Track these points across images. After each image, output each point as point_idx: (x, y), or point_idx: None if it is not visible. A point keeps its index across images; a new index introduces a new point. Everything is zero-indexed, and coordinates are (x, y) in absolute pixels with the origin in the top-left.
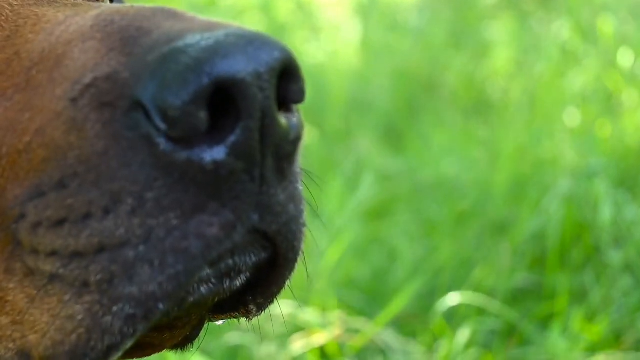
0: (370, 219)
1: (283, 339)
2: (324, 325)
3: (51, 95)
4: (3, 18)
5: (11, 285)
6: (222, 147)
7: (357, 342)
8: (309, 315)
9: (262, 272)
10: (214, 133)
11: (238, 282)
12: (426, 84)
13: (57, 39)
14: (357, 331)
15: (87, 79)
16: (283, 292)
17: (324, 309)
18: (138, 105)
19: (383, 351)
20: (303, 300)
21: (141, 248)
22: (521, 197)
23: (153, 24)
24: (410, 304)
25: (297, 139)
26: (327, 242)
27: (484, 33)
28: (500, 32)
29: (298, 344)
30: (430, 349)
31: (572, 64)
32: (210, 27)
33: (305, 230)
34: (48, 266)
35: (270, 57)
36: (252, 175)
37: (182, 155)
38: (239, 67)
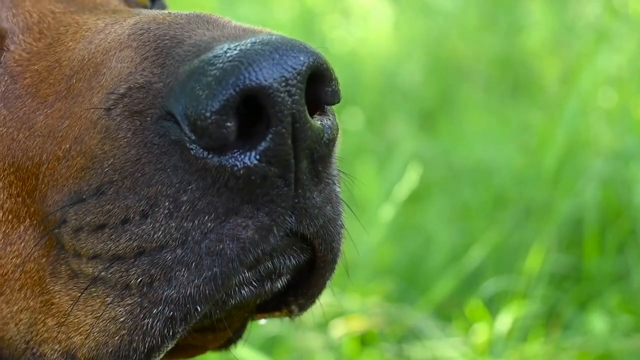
0: (406, 204)
1: (322, 327)
2: (362, 312)
3: (89, 103)
4: (45, 26)
5: (57, 288)
6: (253, 153)
7: (396, 329)
8: (348, 302)
9: (303, 273)
10: (245, 140)
11: (279, 284)
12: (460, 67)
13: (96, 47)
14: (395, 318)
15: (122, 89)
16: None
17: (362, 296)
18: (169, 115)
19: (422, 338)
20: (341, 287)
21: (178, 251)
22: (558, 180)
23: (186, 32)
24: (449, 290)
25: (332, 141)
26: (363, 227)
27: (517, 14)
28: (534, 13)
29: (337, 331)
30: (469, 334)
31: (606, 44)
32: (239, 34)
33: (343, 231)
34: (90, 269)
35: (297, 62)
36: (287, 179)
37: (214, 160)
38: (265, 74)
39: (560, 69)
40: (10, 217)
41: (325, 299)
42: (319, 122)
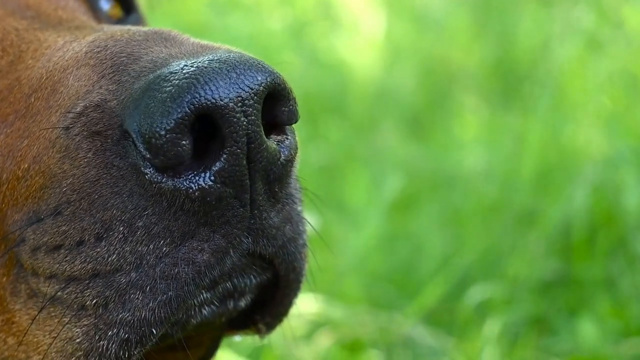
0: (396, 211)
1: (310, 335)
2: (351, 320)
3: (47, 122)
4: (8, 43)
5: (17, 307)
6: (207, 174)
7: (385, 336)
8: (336, 309)
9: (267, 292)
10: (199, 159)
11: (242, 303)
12: (450, 73)
13: (54, 65)
14: (384, 325)
15: (79, 107)
16: (291, 309)
17: (351, 303)
18: (126, 134)
19: (412, 345)
20: (330, 295)
21: (133, 274)
22: (548, 185)
23: (143, 49)
24: (438, 297)
25: (289, 161)
26: (353, 235)
27: (508, 21)
28: (525, 20)
29: (325, 340)
30: (459, 341)
31: (597, 51)
32: (196, 51)
33: (306, 250)
34: (47, 288)
35: (254, 82)
36: (242, 200)
37: (169, 184)
38: (221, 93)
39: (552, 76)
40: None
41: (314, 305)
42: (275, 143)
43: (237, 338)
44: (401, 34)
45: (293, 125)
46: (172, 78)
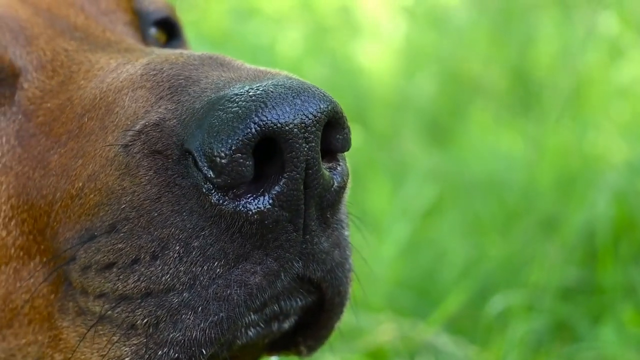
0: (419, 218)
1: (334, 343)
2: (374, 328)
3: (103, 141)
4: (58, 64)
5: (65, 324)
6: (267, 197)
7: (408, 344)
8: (360, 317)
9: (311, 315)
10: (258, 181)
11: (286, 325)
12: (471, 81)
13: (108, 86)
14: (408, 333)
15: (138, 126)
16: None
17: (374, 311)
18: (187, 153)
19: (435, 352)
20: (353, 302)
21: (185, 294)
22: (570, 192)
23: (201, 72)
24: (460, 305)
25: (341, 188)
26: (376, 243)
27: (529, 27)
28: (545, 26)
29: (348, 348)
30: (482, 348)
31: (619, 57)
32: (257, 76)
33: (351, 274)
34: (97, 307)
35: (317, 109)
36: (296, 225)
37: (230, 206)
38: (286, 118)
39: (572, 82)
40: (21, 253)
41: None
42: (329, 170)
43: (273, 358)
44: (421, 41)
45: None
46: (237, 99)
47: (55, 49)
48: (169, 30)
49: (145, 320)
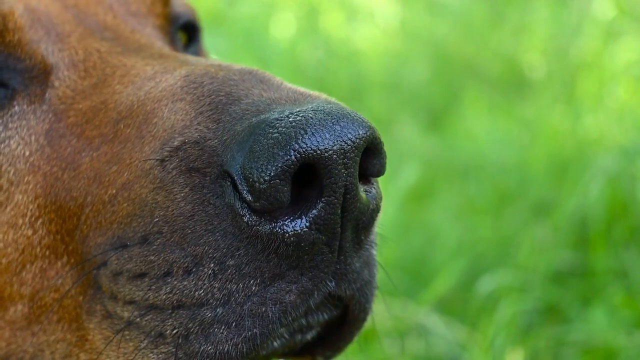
0: (412, 201)
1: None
2: None
3: (139, 152)
4: (91, 65)
5: (91, 326)
6: (304, 220)
7: (398, 324)
8: None
9: (333, 326)
10: (296, 205)
11: (309, 336)
12: (466, 65)
13: (146, 95)
14: (398, 313)
15: (176, 142)
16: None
17: None
18: (226, 174)
19: (425, 332)
20: None
21: (219, 310)
22: (563, 176)
23: (242, 90)
24: (451, 285)
25: (376, 211)
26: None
27: (524, 12)
28: (540, 11)
29: None
30: (472, 329)
31: (613, 41)
32: (297, 99)
33: (376, 291)
34: (126, 313)
35: (356, 135)
36: (332, 247)
37: (266, 227)
38: (326, 144)
39: (566, 67)
40: (48, 252)
41: None
42: (365, 193)
43: None
44: (416, 25)
45: None
46: (278, 125)
47: (88, 49)
48: (190, 33)
49: (175, 331)
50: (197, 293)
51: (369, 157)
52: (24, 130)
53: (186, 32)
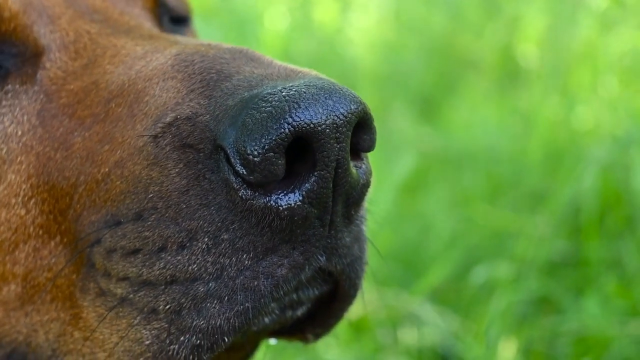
0: (406, 191)
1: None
2: (357, 298)
3: (131, 130)
4: (81, 46)
5: (85, 303)
6: (297, 194)
7: (392, 314)
8: None
9: (322, 303)
10: (289, 179)
11: (299, 312)
12: (460, 55)
13: (137, 74)
14: (390, 303)
15: (169, 118)
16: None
17: None
18: (219, 149)
19: (418, 322)
20: None
21: (212, 284)
22: (557, 167)
23: (233, 67)
24: (445, 275)
25: (366, 186)
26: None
27: (518, 2)
28: (535, 0)
29: None
30: (466, 319)
31: (608, 31)
32: (289, 75)
33: (366, 267)
34: (119, 290)
35: (348, 110)
36: (323, 220)
37: (260, 201)
38: (319, 118)
39: (561, 57)
40: (41, 232)
41: None
42: (355, 168)
43: (273, 341)
44: (411, 15)
45: None
46: (271, 99)
47: (78, 31)
48: (180, 18)
49: (168, 307)
50: (190, 268)
51: (360, 132)
52: (17, 109)
53: (177, 20)
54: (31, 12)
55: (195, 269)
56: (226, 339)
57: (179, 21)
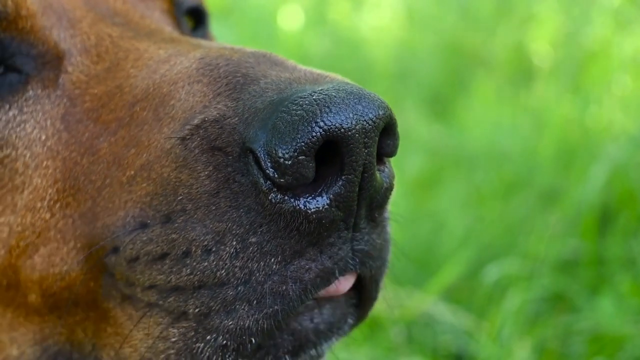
0: (418, 190)
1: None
2: None
3: (158, 133)
4: (103, 49)
5: (111, 306)
6: (324, 197)
7: (406, 313)
8: None
9: None
10: (315, 182)
11: None
12: (472, 54)
13: (161, 78)
14: (405, 302)
15: (196, 120)
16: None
17: None
18: (248, 152)
19: (432, 321)
20: None
21: (240, 288)
22: (570, 165)
23: (258, 71)
24: (459, 274)
25: (389, 190)
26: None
27: (530, 0)
28: None
29: None
30: (479, 318)
31: (622, 30)
32: (317, 79)
33: (387, 270)
34: (146, 297)
35: (376, 115)
36: (347, 224)
37: (289, 204)
38: (349, 123)
39: (574, 55)
40: (59, 236)
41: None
42: (379, 172)
43: None
44: (424, 13)
45: None
46: (302, 102)
47: (99, 34)
48: (197, 18)
49: (197, 310)
50: (218, 273)
51: (384, 137)
52: (39, 114)
53: (192, 18)
54: (50, 15)
55: (224, 274)
56: (253, 340)
57: (194, 15)
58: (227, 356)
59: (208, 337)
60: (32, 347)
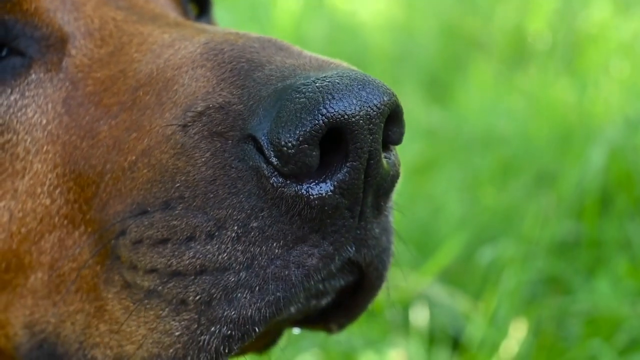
0: (415, 173)
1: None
2: None
3: (160, 118)
4: (107, 33)
5: (110, 295)
6: (328, 184)
7: (403, 294)
8: None
9: (347, 294)
10: (321, 169)
11: (324, 302)
12: (470, 37)
13: (165, 62)
14: (402, 284)
15: (199, 107)
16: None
17: None
18: (249, 138)
19: (428, 303)
20: None
21: (242, 274)
22: (567, 148)
23: (263, 56)
24: (455, 256)
25: (395, 177)
26: None
27: None
28: None
29: None
30: (476, 299)
31: (619, 13)
32: (321, 65)
33: (392, 258)
34: (146, 282)
35: (381, 102)
36: (353, 212)
37: (291, 189)
38: (353, 110)
39: (572, 38)
40: (65, 222)
41: None
42: (386, 160)
43: (296, 330)
44: None
45: None
46: (305, 90)
47: (103, 18)
48: (202, 5)
49: (197, 297)
50: (220, 257)
51: (390, 124)
52: (41, 98)
53: (197, 5)
54: None
55: (226, 258)
56: (257, 329)
57: (199, 2)
58: (233, 346)
59: (212, 329)
60: (23, 330)
